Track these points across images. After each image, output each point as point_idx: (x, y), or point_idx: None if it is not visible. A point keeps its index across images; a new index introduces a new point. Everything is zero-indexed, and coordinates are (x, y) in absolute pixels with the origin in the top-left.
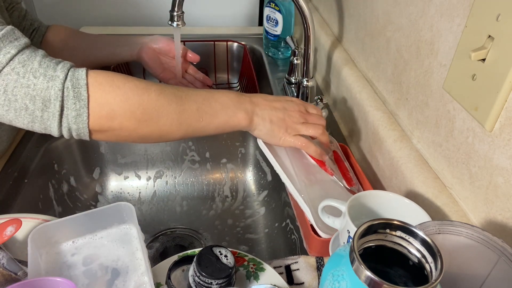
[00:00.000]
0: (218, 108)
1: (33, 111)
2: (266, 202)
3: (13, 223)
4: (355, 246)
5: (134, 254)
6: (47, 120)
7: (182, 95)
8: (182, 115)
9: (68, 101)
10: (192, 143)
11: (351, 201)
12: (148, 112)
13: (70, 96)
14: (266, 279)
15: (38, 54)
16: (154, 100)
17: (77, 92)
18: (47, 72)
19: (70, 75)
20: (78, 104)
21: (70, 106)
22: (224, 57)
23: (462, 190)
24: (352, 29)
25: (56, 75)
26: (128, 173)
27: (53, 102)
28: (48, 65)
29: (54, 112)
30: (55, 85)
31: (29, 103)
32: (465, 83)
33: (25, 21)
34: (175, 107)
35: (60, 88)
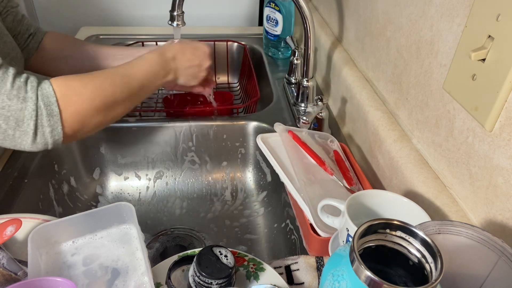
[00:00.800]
0: (153, 77)
1: (6, 130)
2: (266, 203)
3: (13, 223)
4: (355, 246)
5: (134, 254)
6: (19, 138)
7: (127, 79)
8: (131, 97)
9: (42, 119)
10: (192, 144)
11: (350, 200)
12: (108, 105)
13: (43, 115)
14: (266, 279)
15: (10, 74)
16: (110, 93)
17: (49, 109)
18: (19, 93)
19: (40, 94)
20: (52, 120)
21: (45, 123)
22: (224, 57)
23: (462, 190)
24: (352, 29)
25: (28, 96)
26: (128, 174)
27: (27, 121)
28: (19, 86)
29: (27, 131)
30: (28, 106)
31: (2, 123)
32: (465, 83)
33: (20, 26)
34: (126, 92)
35: (33, 109)
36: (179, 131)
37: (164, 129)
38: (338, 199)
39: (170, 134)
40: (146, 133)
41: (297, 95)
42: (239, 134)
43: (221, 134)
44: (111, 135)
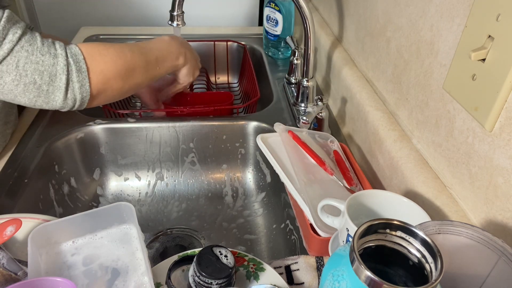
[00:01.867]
0: (167, 55)
1: (40, 85)
2: (266, 203)
3: (13, 223)
4: (355, 246)
5: (134, 254)
6: (52, 93)
7: (144, 51)
8: (147, 67)
9: (72, 74)
10: (192, 144)
11: (350, 200)
12: (128, 70)
13: (73, 70)
14: (266, 279)
15: (37, 34)
16: (130, 59)
17: (78, 66)
18: (50, 50)
19: (69, 52)
20: (80, 76)
21: (75, 79)
22: (224, 57)
23: (462, 190)
24: (352, 29)
25: (59, 52)
26: (128, 174)
27: (59, 76)
28: (49, 44)
29: (60, 85)
30: (60, 61)
31: (38, 78)
32: (465, 83)
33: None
34: (143, 61)
35: (65, 64)
36: (179, 131)
37: (164, 129)
38: (338, 199)
39: (170, 134)
40: (146, 133)
41: (297, 95)
42: (239, 134)
43: (221, 134)
44: (111, 135)
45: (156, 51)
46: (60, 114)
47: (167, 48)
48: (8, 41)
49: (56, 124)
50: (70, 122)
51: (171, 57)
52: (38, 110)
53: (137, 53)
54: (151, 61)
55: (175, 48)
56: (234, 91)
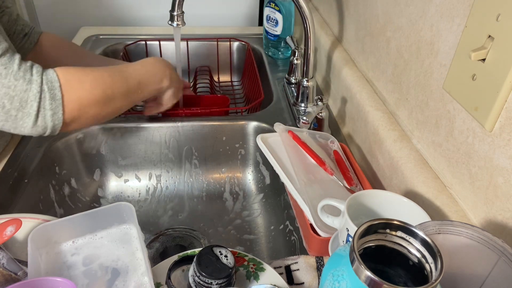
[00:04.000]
0: (151, 78)
1: (9, 110)
2: (266, 203)
3: (13, 223)
4: (355, 246)
5: (134, 254)
6: (20, 120)
7: (126, 75)
8: (128, 93)
9: (45, 102)
10: (192, 144)
11: (350, 200)
12: (107, 98)
13: (47, 98)
14: (266, 279)
15: (16, 57)
16: (109, 86)
17: (52, 93)
18: (25, 75)
19: (45, 78)
20: (54, 103)
21: (47, 107)
22: (226, 56)
23: (462, 190)
24: (352, 29)
25: (34, 78)
26: (128, 175)
27: (30, 103)
28: (25, 69)
29: (30, 112)
30: (33, 87)
31: (7, 102)
32: (465, 83)
33: (15, 26)
34: (125, 87)
35: (38, 91)
36: (179, 131)
37: (164, 129)
38: (338, 199)
39: (170, 135)
40: (146, 134)
41: (297, 95)
42: (239, 134)
43: (221, 134)
44: (111, 135)
45: (139, 75)
46: None
47: (151, 70)
48: None
49: None
50: None
51: (155, 80)
52: None
53: (118, 79)
54: (133, 87)
55: (159, 71)
56: (236, 90)
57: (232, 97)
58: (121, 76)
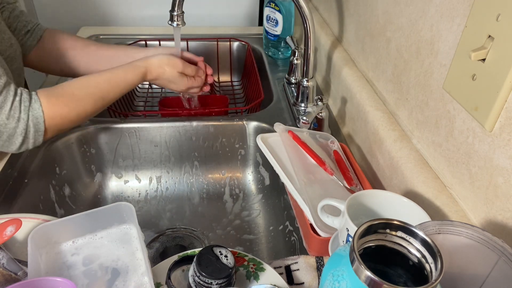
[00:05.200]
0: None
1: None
2: (266, 204)
3: (13, 223)
4: (355, 246)
5: (134, 254)
6: (7, 147)
7: (107, 97)
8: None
9: (29, 135)
10: (192, 145)
11: (350, 200)
12: (85, 119)
13: (31, 132)
14: (266, 279)
15: (10, 95)
16: (90, 113)
17: (36, 128)
18: (15, 114)
19: (31, 115)
20: (37, 135)
21: (30, 137)
22: (226, 56)
23: (462, 190)
24: (352, 29)
25: (22, 117)
26: (128, 175)
27: (17, 137)
28: (15, 108)
29: (15, 142)
30: (20, 125)
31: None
32: (465, 83)
33: (17, 22)
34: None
35: (24, 128)
36: (179, 131)
37: (164, 129)
38: (338, 199)
39: (170, 135)
40: (146, 134)
41: (297, 95)
42: (239, 134)
43: (221, 134)
44: (112, 135)
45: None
46: None
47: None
48: None
49: None
50: None
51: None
52: None
53: (99, 105)
54: (109, 103)
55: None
56: (236, 90)
57: (232, 97)
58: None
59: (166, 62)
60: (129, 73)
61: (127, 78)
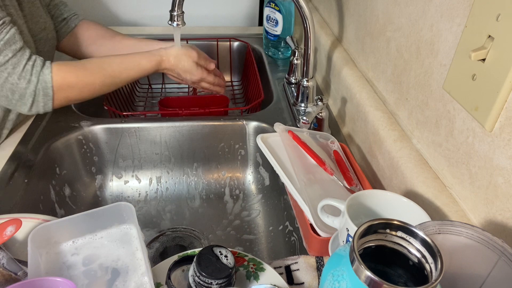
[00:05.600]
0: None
1: (11, 100)
2: (266, 204)
3: (13, 223)
4: (355, 246)
5: (134, 254)
6: (19, 106)
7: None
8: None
9: (38, 98)
10: (192, 145)
11: (350, 200)
12: (94, 94)
13: (40, 95)
14: (266, 279)
15: (24, 58)
16: (98, 89)
17: (45, 92)
18: (26, 76)
19: (41, 79)
20: (45, 98)
21: (40, 100)
22: (226, 56)
23: (462, 190)
24: (352, 29)
25: (32, 79)
26: (128, 175)
27: (27, 97)
28: (27, 70)
29: (26, 103)
30: (30, 87)
31: (10, 94)
32: (465, 83)
33: (55, 10)
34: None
35: (33, 90)
36: (179, 131)
37: (164, 129)
38: (338, 199)
39: (170, 135)
40: (146, 134)
41: (297, 95)
42: (239, 134)
43: (221, 134)
44: (111, 135)
45: (129, 78)
46: (60, 115)
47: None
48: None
49: (56, 124)
50: (70, 122)
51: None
52: None
53: (108, 84)
54: (119, 86)
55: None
56: (236, 90)
57: (232, 97)
58: (113, 81)
59: (184, 52)
60: (143, 59)
61: (141, 63)
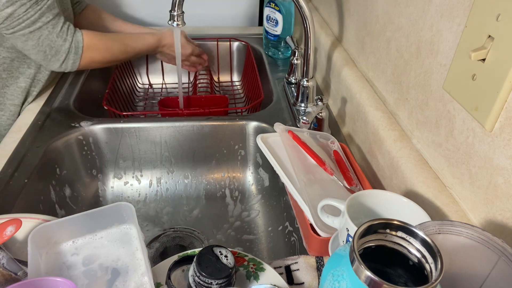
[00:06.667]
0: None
1: (47, 55)
2: (266, 204)
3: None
4: (355, 246)
5: (134, 254)
6: (52, 62)
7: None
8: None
9: (70, 55)
10: (192, 145)
11: (350, 200)
12: (110, 58)
13: (72, 53)
14: (266, 279)
15: (62, 20)
16: (117, 53)
17: (76, 50)
18: (63, 35)
19: (74, 39)
20: (75, 56)
21: (71, 58)
22: (226, 56)
23: (462, 190)
24: (352, 29)
25: (67, 38)
26: (128, 175)
27: (61, 54)
28: (63, 31)
29: (59, 59)
30: (66, 45)
31: (48, 50)
32: (465, 83)
33: None
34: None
35: (68, 47)
36: (179, 131)
37: (164, 129)
38: (338, 199)
39: (170, 135)
40: (146, 134)
41: (297, 95)
42: (239, 134)
43: (221, 134)
44: (111, 135)
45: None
46: (60, 114)
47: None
48: (41, 21)
49: (56, 124)
50: (70, 122)
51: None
52: (37, 110)
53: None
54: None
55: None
56: (236, 90)
57: (232, 97)
58: (127, 49)
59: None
60: (148, 34)
61: (146, 37)
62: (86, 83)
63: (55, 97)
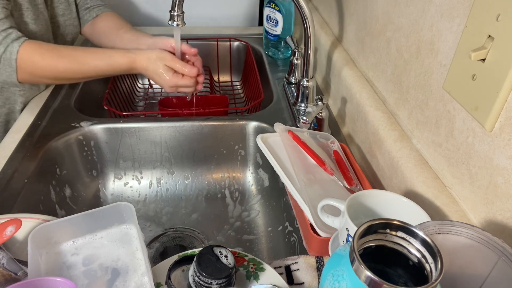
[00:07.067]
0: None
1: None
2: (266, 204)
3: (13, 223)
4: (355, 246)
5: (134, 254)
6: None
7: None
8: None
9: (4, 66)
10: (192, 145)
11: (350, 200)
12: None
13: (5, 64)
14: (266, 279)
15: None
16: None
17: (8, 62)
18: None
19: (8, 49)
20: (9, 69)
21: (4, 69)
22: (226, 56)
23: (462, 190)
24: (352, 29)
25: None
26: (128, 175)
27: None
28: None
29: None
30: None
31: None
32: (465, 83)
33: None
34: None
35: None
36: (179, 131)
37: (164, 129)
38: (338, 199)
39: (170, 135)
40: (146, 134)
41: (297, 95)
42: (239, 134)
43: (221, 134)
44: (111, 135)
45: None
46: (60, 114)
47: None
48: None
49: (56, 124)
50: (70, 122)
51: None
52: (37, 110)
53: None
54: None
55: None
56: (236, 90)
57: (232, 97)
58: (82, 69)
59: (156, 55)
60: (117, 54)
61: (113, 56)
62: (86, 83)
63: (55, 97)
